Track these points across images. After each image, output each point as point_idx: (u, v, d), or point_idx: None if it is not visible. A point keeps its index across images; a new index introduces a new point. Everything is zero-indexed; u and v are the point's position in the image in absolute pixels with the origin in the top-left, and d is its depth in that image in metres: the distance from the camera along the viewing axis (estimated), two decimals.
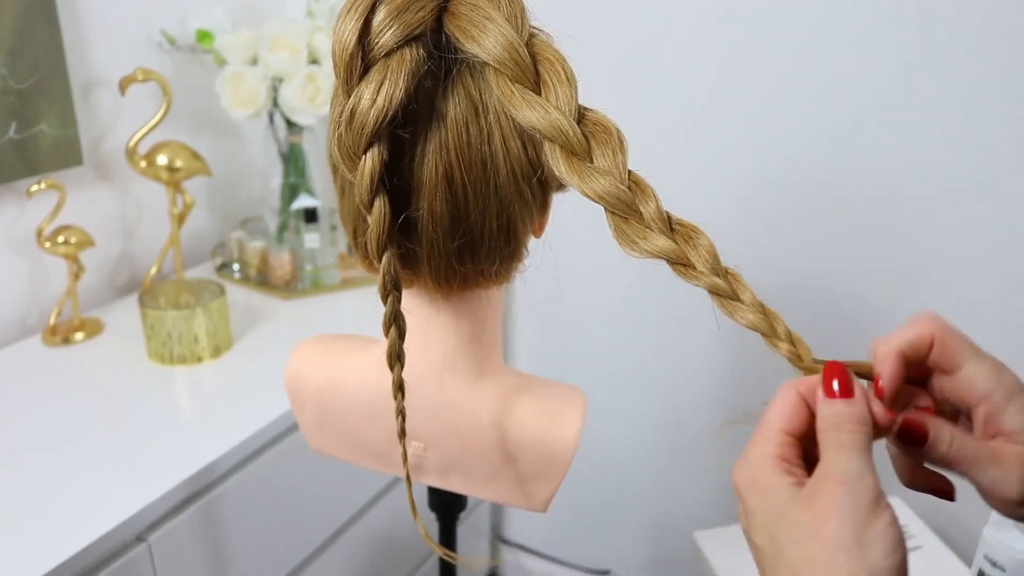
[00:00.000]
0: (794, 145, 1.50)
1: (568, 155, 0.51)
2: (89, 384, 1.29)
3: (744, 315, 0.50)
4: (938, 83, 1.36)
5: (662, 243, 0.50)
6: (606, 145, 0.52)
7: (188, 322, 1.31)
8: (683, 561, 1.86)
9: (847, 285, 1.54)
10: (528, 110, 0.51)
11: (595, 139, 0.52)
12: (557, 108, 0.51)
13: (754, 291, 0.51)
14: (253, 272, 1.65)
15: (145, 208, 1.63)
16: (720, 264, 0.51)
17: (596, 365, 1.85)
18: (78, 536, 0.96)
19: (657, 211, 0.51)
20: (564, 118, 0.51)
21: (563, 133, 0.51)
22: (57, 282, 1.48)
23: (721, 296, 0.51)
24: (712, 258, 0.51)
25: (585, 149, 0.51)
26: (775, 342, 0.50)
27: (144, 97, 1.53)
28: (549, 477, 0.71)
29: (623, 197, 0.51)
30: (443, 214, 0.57)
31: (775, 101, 1.49)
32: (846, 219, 1.51)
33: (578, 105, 0.52)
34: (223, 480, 1.14)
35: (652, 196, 0.51)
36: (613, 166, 0.51)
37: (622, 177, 0.51)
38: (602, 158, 0.51)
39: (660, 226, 0.51)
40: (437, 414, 0.70)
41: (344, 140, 0.54)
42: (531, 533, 2.14)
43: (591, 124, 0.52)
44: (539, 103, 0.51)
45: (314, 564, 1.37)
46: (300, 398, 0.76)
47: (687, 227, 0.52)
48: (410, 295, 0.66)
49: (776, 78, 1.47)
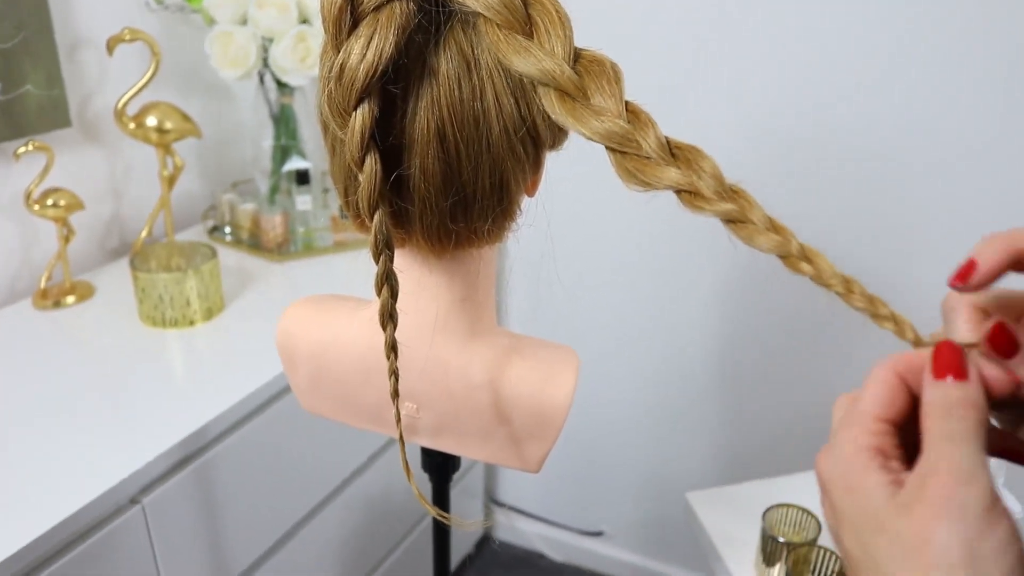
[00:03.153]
0: (785, 109, 1.49)
1: (562, 97, 0.50)
2: (81, 348, 1.29)
3: (760, 240, 0.47)
4: (933, 46, 1.35)
5: (665, 173, 0.49)
6: (600, 78, 0.51)
7: (180, 285, 1.30)
8: (675, 522, 1.88)
9: (841, 249, 1.54)
10: (518, 58, 0.51)
11: (588, 75, 0.51)
12: (549, 52, 0.50)
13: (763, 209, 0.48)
14: (245, 235, 1.64)
15: (135, 170, 1.61)
16: (726, 185, 0.49)
17: (590, 327, 1.85)
18: (72, 499, 0.96)
19: (656, 140, 0.49)
20: (554, 61, 0.50)
21: (554, 76, 0.50)
22: (47, 245, 1.47)
23: (734, 222, 0.48)
24: (717, 181, 0.49)
25: (579, 88, 0.50)
26: (795, 264, 0.47)
27: (132, 57, 1.51)
28: (542, 437, 0.71)
29: (620, 131, 0.49)
30: (435, 172, 0.56)
31: (766, 63, 1.47)
32: (839, 183, 1.50)
33: (573, 46, 0.51)
34: (216, 443, 1.14)
35: (650, 125, 0.50)
36: (609, 99, 0.50)
37: (619, 110, 0.50)
38: (598, 94, 0.50)
39: (661, 155, 0.49)
40: (430, 374, 0.69)
41: (334, 96, 0.53)
42: (524, 495, 2.16)
43: (585, 62, 0.51)
44: (530, 49, 0.50)
45: (308, 526, 1.38)
46: (292, 358, 0.76)
47: (686, 149, 0.50)
48: (402, 255, 0.65)
49: (767, 39, 1.46)
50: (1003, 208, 1.39)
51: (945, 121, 1.38)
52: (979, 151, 1.38)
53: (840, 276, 0.47)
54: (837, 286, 0.46)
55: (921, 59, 1.36)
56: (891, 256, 1.50)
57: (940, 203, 1.44)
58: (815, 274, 0.46)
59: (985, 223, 1.40)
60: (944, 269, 0.44)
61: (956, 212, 1.43)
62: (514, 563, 2.14)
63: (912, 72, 1.38)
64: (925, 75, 1.37)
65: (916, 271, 1.48)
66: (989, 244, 0.41)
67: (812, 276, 0.46)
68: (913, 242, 1.48)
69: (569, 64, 0.51)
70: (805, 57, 1.44)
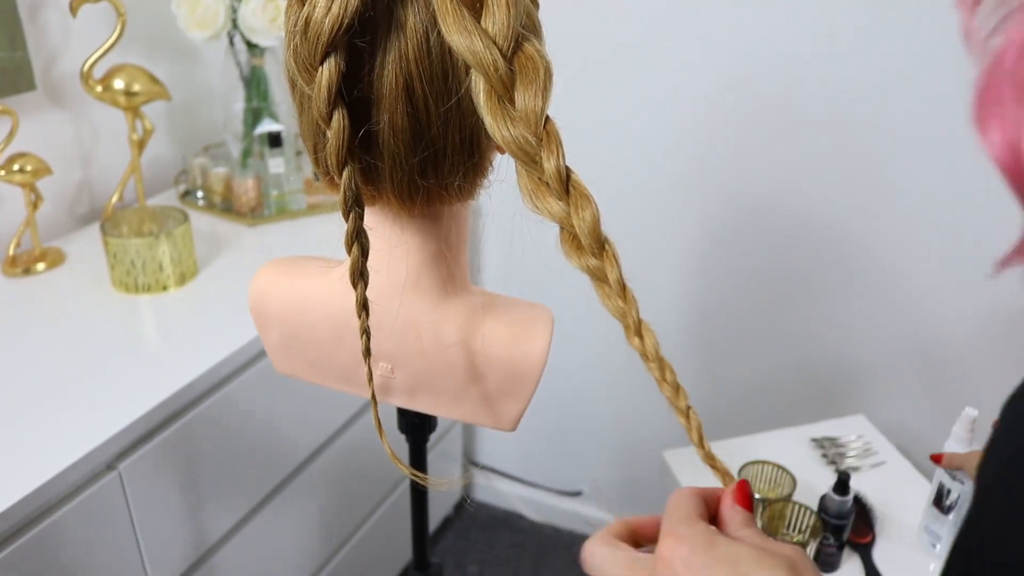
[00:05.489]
0: (758, 64, 1.49)
1: (489, 89, 0.49)
2: (53, 315, 1.27)
3: (608, 303, 0.51)
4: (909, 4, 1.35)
5: (552, 205, 0.49)
6: (531, 84, 0.49)
7: (152, 250, 1.29)
8: (652, 481, 1.90)
9: (816, 208, 1.55)
10: (457, 34, 0.49)
11: (521, 76, 0.49)
12: (489, 37, 0.48)
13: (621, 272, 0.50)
14: (217, 199, 1.62)
15: (103, 134, 1.59)
16: (599, 238, 0.49)
17: (564, 288, 1.85)
18: (48, 465, 0.96)
19: (556, 168, 0.48)
20: (492, 51, 0.48)
21: (486, 70, 0.48)
22: (15, 212, 1.44)
23: (595, 278, 0.50)
24: (593, 233, 0.49)
25: (507, 87, 0.49)
26: (630, 336, 0.52)
27: (96, 19, 1.47)
28: (517, 395, 0.71)
29: (526, 147, 0.48)
30: (404, 127, 0.56)
31: (740, 17, 1.46)
32: (816, 141, 1.50)
33: (516, 34, 0.49)
34: (192, 407, 1.14)
35: (556, 151, 0.48)
36: (530, 109, 0.48)
37: (536, 123, 0.48)
38: (522, 98, 0.49)
39: (556, 184, 0.48)
40: (403, 333, 0.69)
41: (300, 51, 0.52)
42: (503, 457, 2.17)
43: (523, 58, 0.49)
44: (471, 28, 0.48)
45: (286, 490, 1.38)
46: (265, 319, 0.75)
47: (579, 190, 0.49)
48: (373, 212, 0.65)
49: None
50: (978, 176, 1.40)
51: (923, 84, 1.39)
52: (958, 114, 1.38)
53: (660, 360, 0.53)
54: (655, 370, 0.53)
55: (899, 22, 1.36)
56: (857, 214, 1.51)
57: (918, 161, 1.44)
58: (642, 350, 0.52)
59: (958, 187, 1.41)
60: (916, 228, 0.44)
61: (931, 166, 1.44)
62: (493, 524, 2.16)
63: (890, 35, 1.38)
64: (903, 37, 1.37)
65: (887, 230, 1.49)
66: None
67: (639, 351, 0.52)
68: (886, 201, 1.49)
69: (506, 56, 0.49)
70: (783, 10, 1.44)
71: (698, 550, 0.46)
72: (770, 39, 1.46)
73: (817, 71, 1.45)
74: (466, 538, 2.12)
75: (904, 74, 1.39)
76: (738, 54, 1.49)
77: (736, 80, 1.51)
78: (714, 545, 0.46)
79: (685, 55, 1.53)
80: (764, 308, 1.68)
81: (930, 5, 1.33)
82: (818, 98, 1.47)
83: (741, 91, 1.52)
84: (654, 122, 1.61)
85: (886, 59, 1.39)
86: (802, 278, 1.61)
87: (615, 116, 1.64)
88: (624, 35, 1.57)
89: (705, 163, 1.60)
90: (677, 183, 1.65)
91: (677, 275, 1.73)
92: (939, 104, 1.38)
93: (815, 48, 1.43)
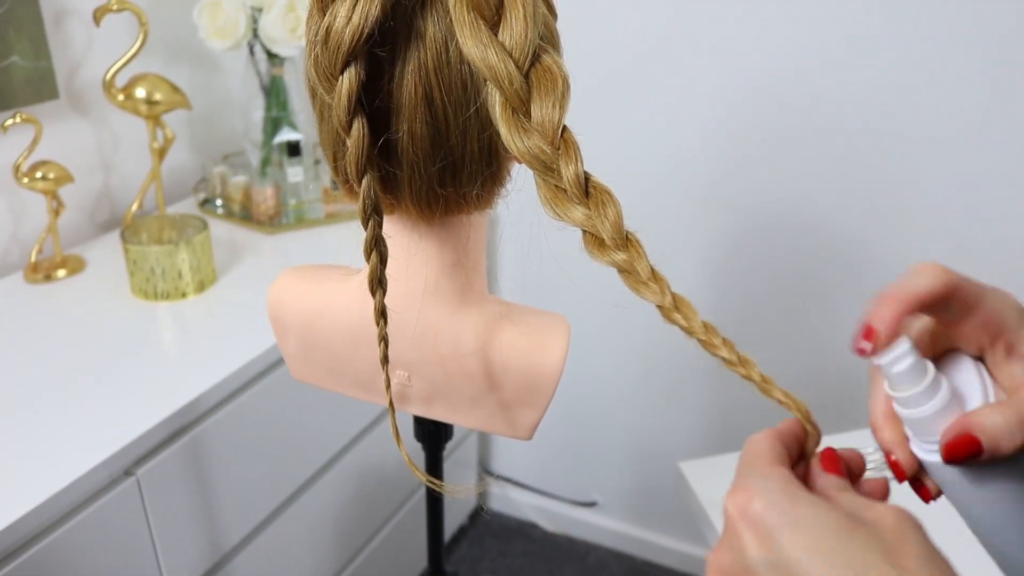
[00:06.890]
0: (777, 72, 1.48)
1: (503, 102, 0.49)
2: (73, 321, 1.28)
3: (642, 291, 0.49)
4: (923, 10, 1.34)
5: (573, 212, 0.49)
6: (548, 96, 0.49)
7: (171, 257, 1.30)
8: (667, 492, 1.89)
9: (829, 216, 1.54)
10: (474, 46, 0.49)
11: (538, 87, 0.49)
12: (505, 50, 0.48)
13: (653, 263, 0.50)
14: (236, 207, 1.64)
15: (124, 143, 1.60)
16: (622, 233, 0.49)
17: (581, 297, 1.85)
18: (67, 471, 0.96)
19: (575, 175, 0.48)
20: (507, 63, 0.48)
21: (502, 84, 0.48)
22: (37, 219, 1.46)
23: (622, 270, 0.49)
24: (616, 229, 0.49)
25: (523, 99, 0.49)
26: (670, 315, 0.50)
27: (119, 28, 1.49)
28: (533, 403, 0.71)
29: (543, 157, 0.48)
30: (423, 136, 0.56)
31: (755, 28, 1.46)
32: (829, 150, 1.50)
33: (533, 46, 0.49)
34: (210, 414, 1.14)
35: (575, 158, 0.49)
36: (547, 120, 0.48)
37: (553, 133, 0.48)
38: (539, 109, 0.49)
39: (575, 191, 0.48)
40: (420, 341, 0.70)
41: (320, 60, 0.53)
42: (518, 466, 2.17)
43: (540, 70, 0.49)
44: (487, 40, 0.48)
45: (303, 498, 1.38)
46: (283, 326, 0.76)
47: (600, 191, 0.49)
48: (392, 221, 0.65)
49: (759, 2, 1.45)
50: (991, 184, 1.39)
51: (936, 92, 1.38)
52: (971, 122, 1.37)
53: (705, 326, 0.50)
54: (699, 333, 0.51)
55: (913, 30, 1.36)
56: (870, 222, 1.50)
57: (934, 170, 1.44)
58: (686, 325, 0.50)
59: (971, 196, 1.40)
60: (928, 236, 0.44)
61: (948, 176, 1.43)
62: (507, 533, 2.16)
63: (903, 43, 1.37)
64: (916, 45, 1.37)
65: (901, 239, 1.49)
66: (883, 306, 0.45)
67: (682, 326, 0.50)
68: (902, 209, 1.48)
69: (523, 69, 0.49)
70: (796, 16, 1.44)
71: (773, 507, 0.38)
72: (785, 48, 1.46)
73: (830, 80, 1.45)
74: (480, 547, 2.11)
75: (918, 83, 1.39)
76: (752, 64, 1.49)
77: (749, 90, 1.51)
78: (795, 501, 0.39)
79: (699, 66, 1.53)
80: (782, 318, 1.67)
81: (944, 14, 1.32)
82: (831, 107, 1.46)
83: (754, 101, 1.52)
84: (668, 132, 1.61)
85: (900, 68, 1.39)
86: (822, 286, 1.60)
87: (629, 126, 1.64)
88: (640, 45, 1.57)
89: (718, 173, 1.60)
90: (690, 193, 1.65)
91: (691, 284, 1.72)
92: (954, 113, 1.38)
93: (829, 58, 1.43)
